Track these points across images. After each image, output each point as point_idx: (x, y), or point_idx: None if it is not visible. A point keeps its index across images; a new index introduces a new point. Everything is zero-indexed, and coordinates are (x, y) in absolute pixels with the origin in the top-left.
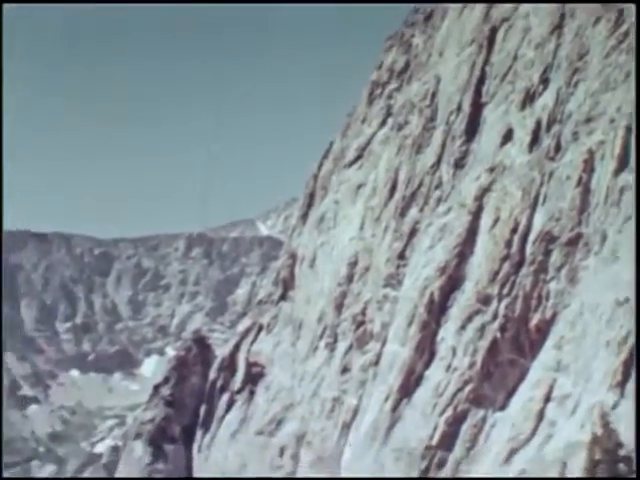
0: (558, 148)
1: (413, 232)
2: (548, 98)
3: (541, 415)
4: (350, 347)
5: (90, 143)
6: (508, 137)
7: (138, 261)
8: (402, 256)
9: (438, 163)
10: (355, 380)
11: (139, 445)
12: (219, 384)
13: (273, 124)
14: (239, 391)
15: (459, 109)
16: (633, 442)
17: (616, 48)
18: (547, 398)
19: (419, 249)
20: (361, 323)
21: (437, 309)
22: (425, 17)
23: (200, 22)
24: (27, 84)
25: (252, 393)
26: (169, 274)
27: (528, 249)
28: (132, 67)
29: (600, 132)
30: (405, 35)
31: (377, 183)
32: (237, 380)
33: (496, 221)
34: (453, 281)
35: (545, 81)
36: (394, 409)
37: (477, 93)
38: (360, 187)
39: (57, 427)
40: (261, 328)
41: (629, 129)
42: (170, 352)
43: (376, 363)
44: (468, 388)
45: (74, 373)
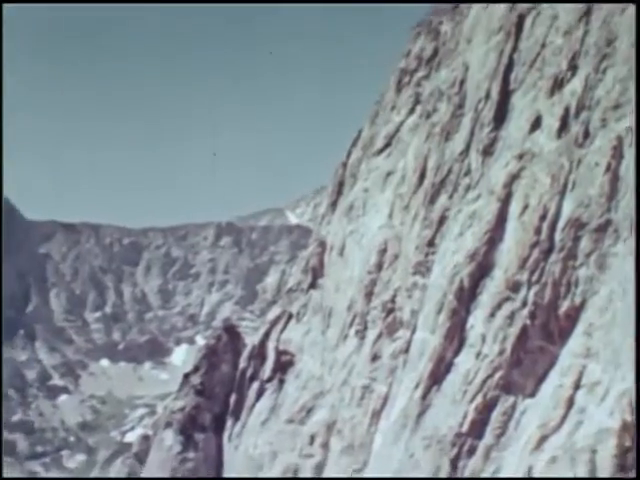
0: (587, 135)
1: (442, 219)
2: (576, 85)
3: (571, 402)
4: (380, 335)
5: (118, 133)
6: (537, 124)
7: (167, 250)
8: (431, 243)
9: (467, 150)
10: (385, 368)
11: (169, 434)
12: (249, 373)
13: (302, 112)
14: (269, 379)
15: (487, 96)
16: None
17: None
18: (577, 385)
19: (448, 236)
20: (391, 311)
21: (466, 296)
22: (453, 4)
23: (225, 10)
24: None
25: (282, 381)
26: (198, 263)
27: (557, 236)
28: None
29: (629, 118)
30: (433, 22)
31: (406, 171)
32: (267, 368)
33: (525, 208)
34: (482, 268)
35: (573, 68)
36: (424, 397)
37: (505, 80)
38: (389, 175)
39: (87, 416)
40: (291, 316)
41: None
42: (200, 341)
43: (406, 351)
44: (498, 375)
45: (104, 363)
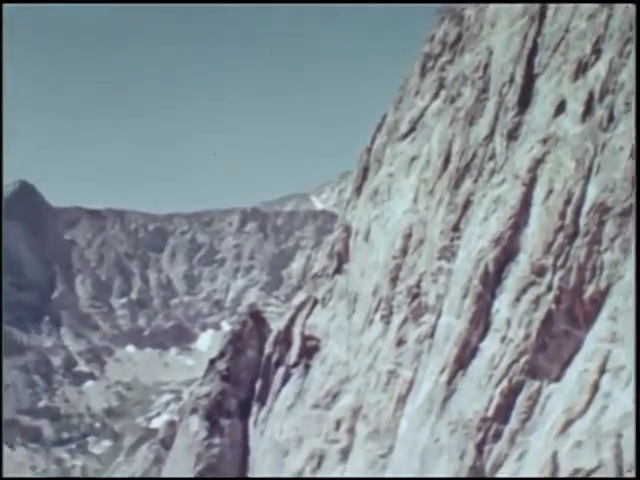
0: (611, 119)
1: (467, 204)
2: (600, 69)
3: (596, 386)
4: (405, 320)
5: (143, 119)
6: (561, 108)
7: (193, 236)
8: (456, 228)
9: (491, 135)
10: (410, 353)
11: (195, 420)
12: (275, 358)
13: (327, 98)
14: (295, 365)
15: (512, 81)
16: None
17: None
18: (602, 370)
19: (473, 221)
20: (416, 296)
21: (492, 281)
22: None
23: None
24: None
25: (307, 367)
26: (224, 249)
27: (582, 220)
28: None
29: None
30: (457, 7)
31: (430, 156)
32: (292, 354)
33: (550, 192)
34: (507, 253)
35: (597, 52)
36: (449, 381)
37: (529, 64)
38: (414, 160)
39: (113, 403)
40: (316, 302)
41: None
42: (225, 326)
43: (431, 335)
44: (523, 360)
45: (130, 349)
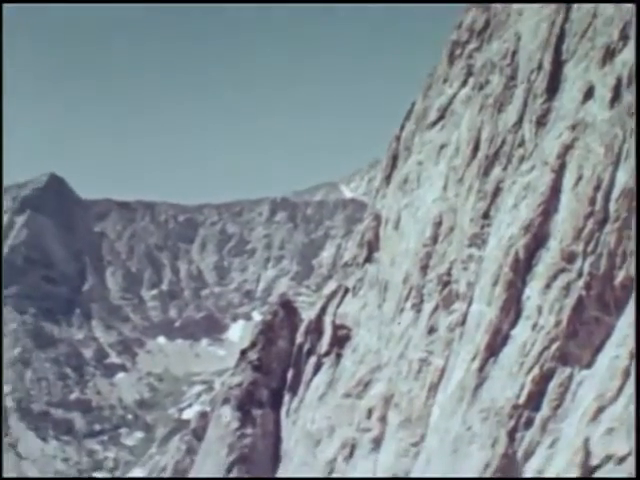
0: None
1: (497, 191)
2: (628, 54)
3: (627, 373)
4: (436, 308)
5: (172, 111)
6: (589, 94)
7: (223, 227)
8: (486, 215)
9: (520, 121)
10: (442, 341)
11: (227, 410)
12: (306, 347)
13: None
14: (326, 354)
15: (540, 67)
16: None
17: None
18: (633, 355)
19: (503, 208)
20: (447, 283)
21: (522, 268)
22: None
23: None
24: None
25: (339, 356)
26: (254, 239)
27: (612, 206)
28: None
29: None
30: None
31: (460, 143)
32: (324, 343)
33: (579, 178)
34: (538, 239)
35: (624, 38)
36: (481, 369)
37: (557, 51)
38: (443, 147)
39: (145, 394)
40: (347, 291)
41: None
42: (256, 317)
43: (462, 323)
44: (554, 346)
45: (161, 340)
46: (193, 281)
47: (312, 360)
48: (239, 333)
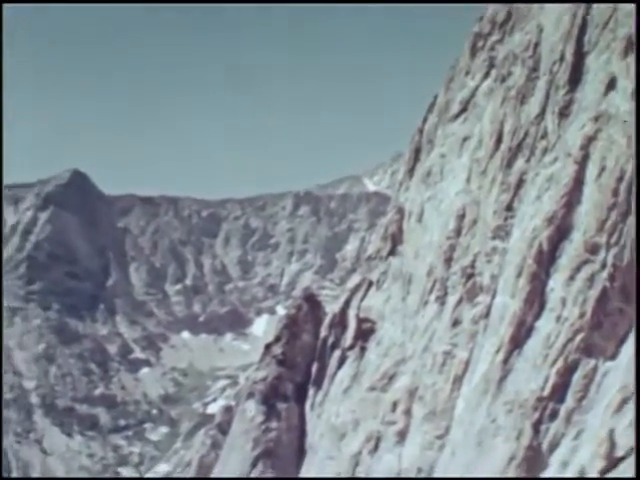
0: None
1: (520, 183)
2: None
3: None
4: (460, 300)
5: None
6: (611, 85)
7: (246, 221)
8: (509, 208)
9: (543, 113)
10: (466, 333)
11: (252, 404)
12: (330, 341)
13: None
14: (350, 347)
15: (562, 59)
16: None
17: None
18: None
19: (526, 200)
20: (470, 276)
21: (546, 260)
22: None
23: None
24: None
25: (363, 349)
26: (277, 233)
27: (634, 197)
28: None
29: None
30: None
31: (482, 135)
32: (348, 337)
33: (602, 170)
34: (561, 231)
35: None
36: (505, 361)
37: (579, 42)
38: (465, 140)
39: (169, 389)
40: (371, 284)
41: None
42: (281, 311)
43: (486, 315)
44: (578, 338)
45: (185, 335)
46: (217, 276)
47: (336, 354)
48: (263, 327)
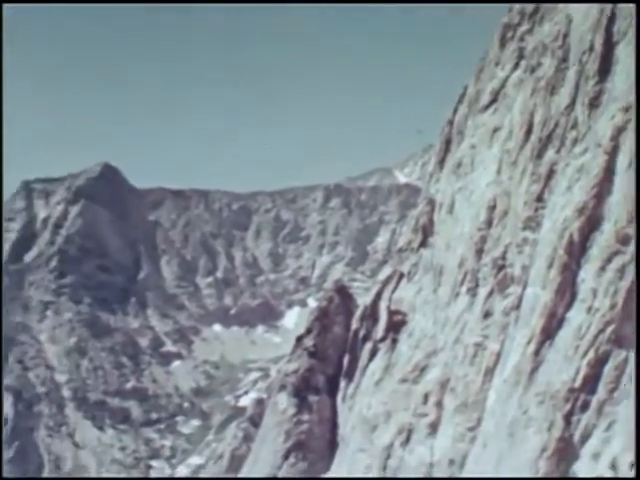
0: None
1: (550, 174)
2: None
3: None
4: (491, 292)
5: (225, 98)
6: None
7: (277, 214)
8: (540, 198)
9: (573, 104)
10: (497, 325)
11: (283, 397)
12: (361, 333)
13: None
14: (382, 339)
15: (591, 49)
16: None
17: None
18: None
19: (557, 191)
20: (501, 267)
21: (577, 251)
22: None
23: None
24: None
25: (395, 341)
26: (308, 225)
27: None
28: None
29: None
30: None
31: (512, 126)
32: (379, 329)
33: (632, 160)
34: (592, 222)
35: None
36: (536, 353)
37: (608, 32)
38: (496, 131)
39: (201, 382)
40: (402, 276)
41: None
42: (312, 303)
43: (517, 307)
44: (610, 329)
45: (217, 328)
46: (248, 268)
47: (368, 346)
48: (295, 320)
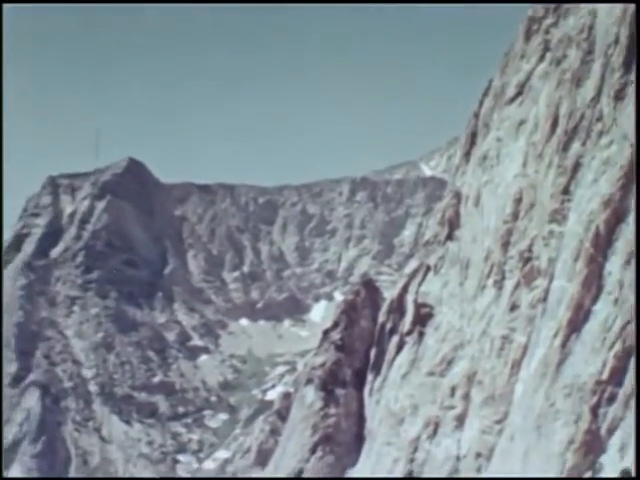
0: None
1: (576, 166)
2: None
3: None
4: (517, 284)
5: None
6: None
7: (303, 208)
8: (566, 191)
9: (598, 96)
10: (523, 317)
11: (311, 390)
12: (388, 326)
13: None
14: (408, 333)
15: (616, 41)
16: None
17: None
18: None
19: (583, 183)
20: (528, 260)
21: (603, 243)
22: None
23: None
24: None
25: (421, 334)
26: (334, 219)
27: None
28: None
29: None
30: None
31: (538, 119)
32: (406, 322)
33: None
34: (618, 214)
35: None
36: (563, 345)
37: (633, 25)
38: (522, 123)
39: (228, 376)
40: (428, 269)
41: None
42: (338, 297)
43: (544, 299)
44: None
45: (243, 322)
46: (274, 262)
47: (395, 339)
48: (321, 313)
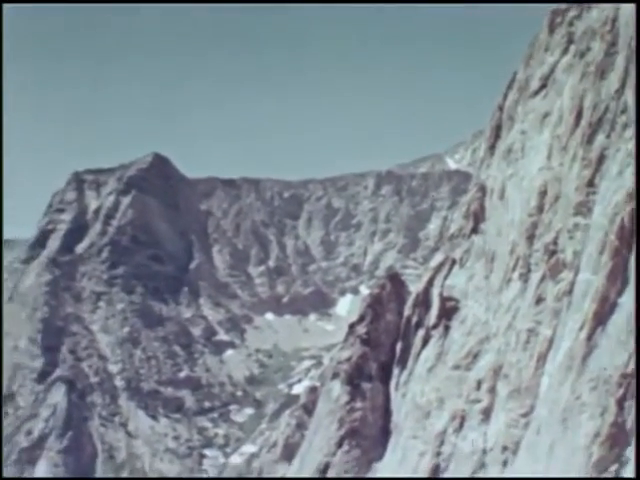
0: None
1: (601, 159)
2: None
3: None
4: (543, 277)
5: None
6: None
7: (328, 201)
8: (591, 183)
9: (622, 88)
10: (549, 310)
11: (337, 385)
12: (414, 320)
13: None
14: (434, 326)
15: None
16: None
17: None
18: None
19: (608, 176)
20: (553, 253)
21: (628, 235)
22: None
23: None
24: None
25: (447, 328)
26: (360, 213)
27: None
28: None
29: None
30: None
31: (562, 111)
32: (432, 315)
33: None
34: None
35: None
36: (589, 338)
37: None
38: (546, 116)
39: (254, 370)
40: (454, 262)
41: None
42: (364, 290)
43: (569, 292)
44: None
45: (269, 316)
46: (300, 257)
47: (420, 333)
48: (347, 307)
